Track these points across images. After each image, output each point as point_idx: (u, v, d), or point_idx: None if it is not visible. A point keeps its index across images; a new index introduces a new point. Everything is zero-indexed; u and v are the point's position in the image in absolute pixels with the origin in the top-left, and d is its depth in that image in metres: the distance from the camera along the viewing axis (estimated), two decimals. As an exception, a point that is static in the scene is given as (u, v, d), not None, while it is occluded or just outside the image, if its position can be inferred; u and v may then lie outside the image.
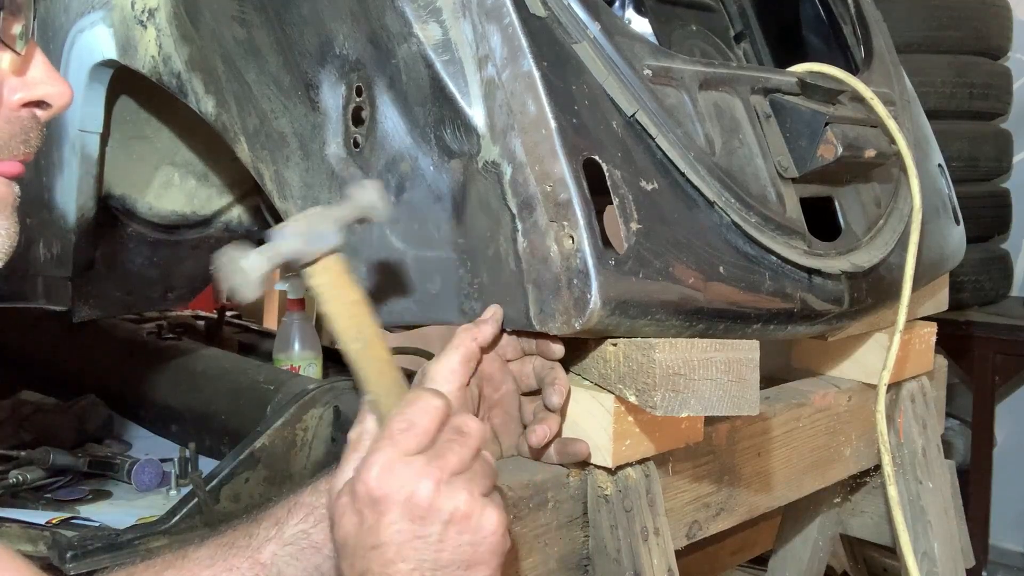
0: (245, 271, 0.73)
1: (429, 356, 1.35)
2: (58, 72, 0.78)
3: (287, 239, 0.75)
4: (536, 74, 0.90)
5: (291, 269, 0.75)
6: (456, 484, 0.71)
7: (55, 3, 1.36)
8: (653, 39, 1.23)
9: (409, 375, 0.81)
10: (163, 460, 1.55)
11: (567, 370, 0.96)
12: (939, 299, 1.51)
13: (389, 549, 0.71)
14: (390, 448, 0.71)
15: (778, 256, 1.01)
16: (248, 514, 0.91)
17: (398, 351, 2.04)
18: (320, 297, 0.76)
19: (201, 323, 2.22)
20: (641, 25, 1.31)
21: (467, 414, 0.77)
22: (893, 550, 1.41)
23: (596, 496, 0.97)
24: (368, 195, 0.81)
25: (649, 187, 0.93)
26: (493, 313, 0.91)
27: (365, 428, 0.79)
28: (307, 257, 0.76)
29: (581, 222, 0.87)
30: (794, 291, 1.03)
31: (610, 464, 0.95)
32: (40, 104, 0.78)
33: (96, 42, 1.30)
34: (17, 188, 0.78)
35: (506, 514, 0.73)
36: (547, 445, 0.94)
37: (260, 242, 0.77)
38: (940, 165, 1.45)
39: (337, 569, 0.76)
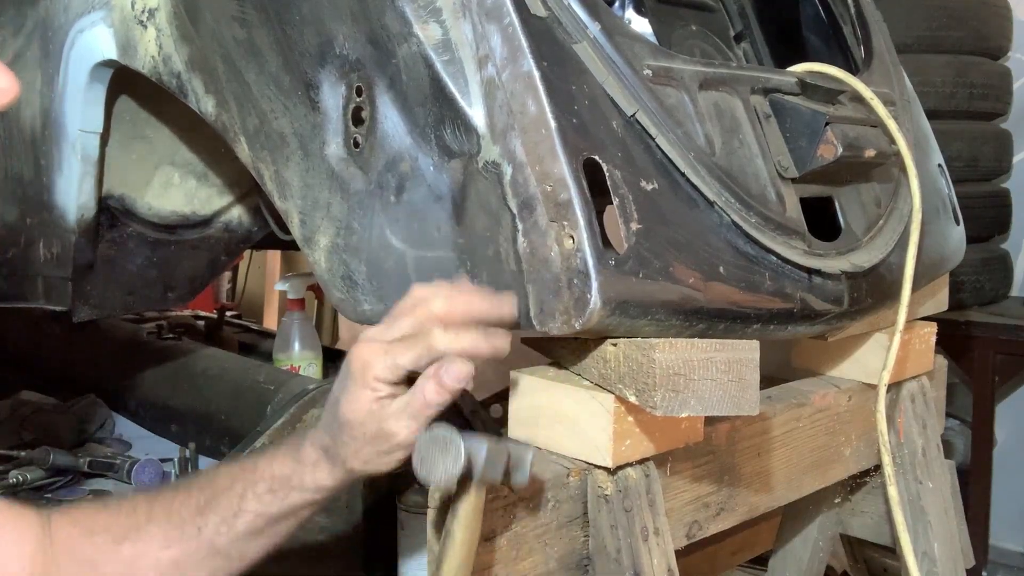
0: (450, 469, 0.77)
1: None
2: (3, 64, 0.77)
3: (487, 462, 0.79)
4: (536, 74, 0.90)
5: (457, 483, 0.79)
6: None
7: (55, 3, 1.36)
8: (653, 39, 1.23)
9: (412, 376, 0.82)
10: (163, 460, 1.55)
11: (566, 370, 0.96)
12: (939, 299, 1.51)
13: None
14: None
15: (778, 256, 1.01)
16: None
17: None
18: (455, 517, 0.81)
19: (201, 323, 2.22)
20: (641, 25, 1.31)
21: None
22: (893, 550, 1.41)
23: (596, 496, 0.97)
24: (526, 458, 0.84)
25: (649, 187, 0.93)
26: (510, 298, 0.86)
27: None
28: (479, 479, 0.79)
29: (581, 222, 0.87)
30: (794, 291, 1.03)
31: (610, 464, 0.95)
32: None
33: (96, 42, 1.30)
34: None
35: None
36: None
37: None
38: (940, 165, 1.45)
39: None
